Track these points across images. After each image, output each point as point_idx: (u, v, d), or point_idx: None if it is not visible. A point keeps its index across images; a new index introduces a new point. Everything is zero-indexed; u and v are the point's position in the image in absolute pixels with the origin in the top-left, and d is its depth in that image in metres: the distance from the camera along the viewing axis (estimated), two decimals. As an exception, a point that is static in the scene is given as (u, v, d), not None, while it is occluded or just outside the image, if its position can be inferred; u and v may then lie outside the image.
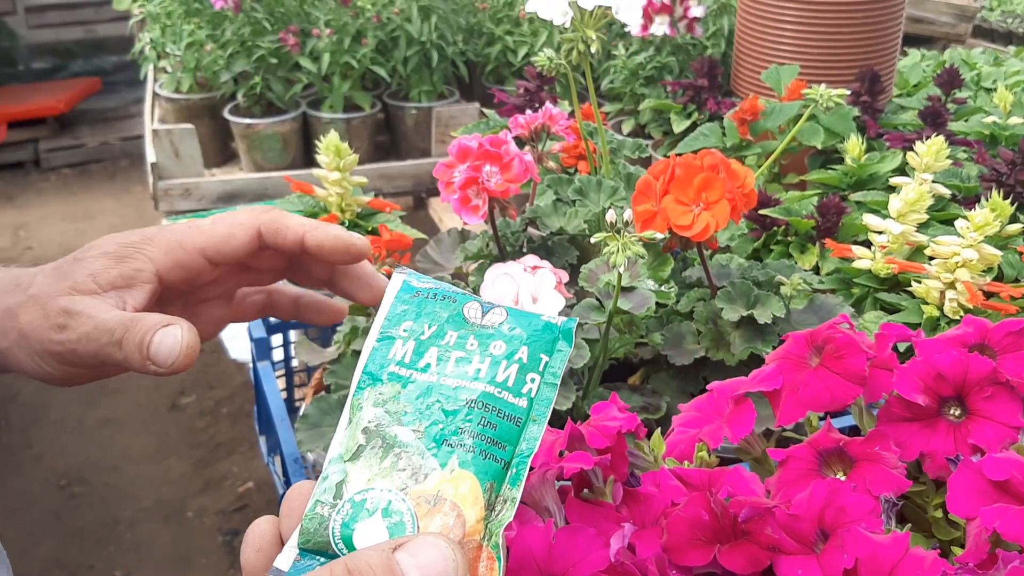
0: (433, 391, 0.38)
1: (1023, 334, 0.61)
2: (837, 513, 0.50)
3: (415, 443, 0.36)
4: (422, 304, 0.40)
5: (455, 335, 0.39)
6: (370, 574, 0.33)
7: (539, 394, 0.38)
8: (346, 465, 0.37)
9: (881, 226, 1.12)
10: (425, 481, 0.35)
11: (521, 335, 0.39)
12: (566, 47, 0.98)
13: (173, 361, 0.46)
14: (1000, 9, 3.17)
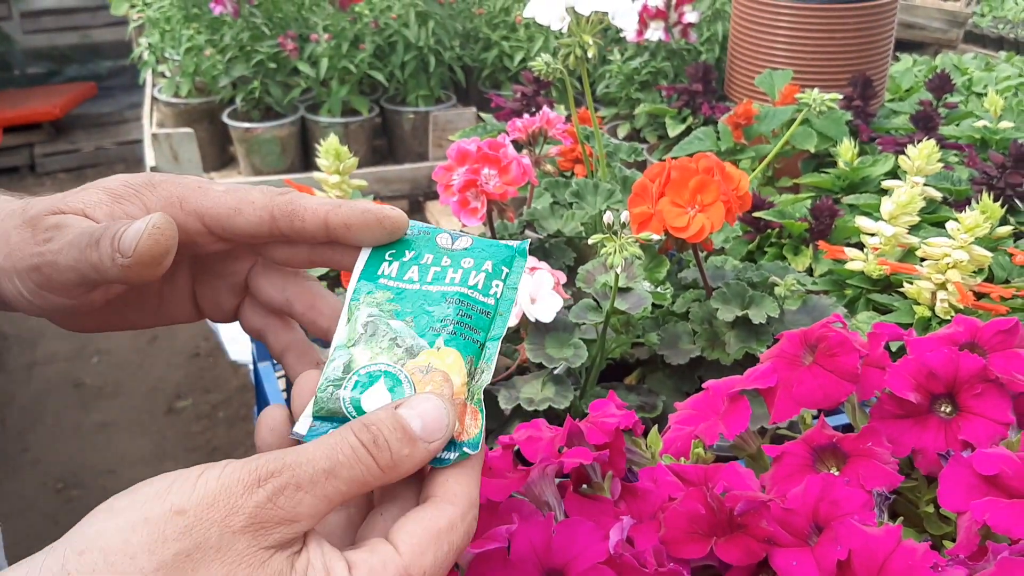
0: (418, 296, 0.46)
1: (1012, 333, 0.62)
2: (831, 507, 0.51)
3: (407, 330, 0.44)
4: (405, 239, 0.48)
5: (431, 256, 0.47)
6: (381, 426, 0.39)
7: (503, 295, 0.47)
8: (351, 349, 0.44)
9: (873, 228, 1.13)
10: (418, 356, 0.43)
11: (486, 253, 0.47)
12: (563, 52, 0.99)
13: (135, 245, 0.42)
14: (991, 15, 3.19)
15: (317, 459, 0.37)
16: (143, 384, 2.83)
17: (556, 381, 0.86)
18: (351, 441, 0.38)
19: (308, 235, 0.47)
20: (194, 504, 0.35)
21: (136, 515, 0.35)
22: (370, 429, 0.39)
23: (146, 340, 3.03)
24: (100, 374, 2.87)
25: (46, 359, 2.95)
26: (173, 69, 2.43)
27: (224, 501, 0.36)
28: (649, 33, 2.00)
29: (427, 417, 0.40)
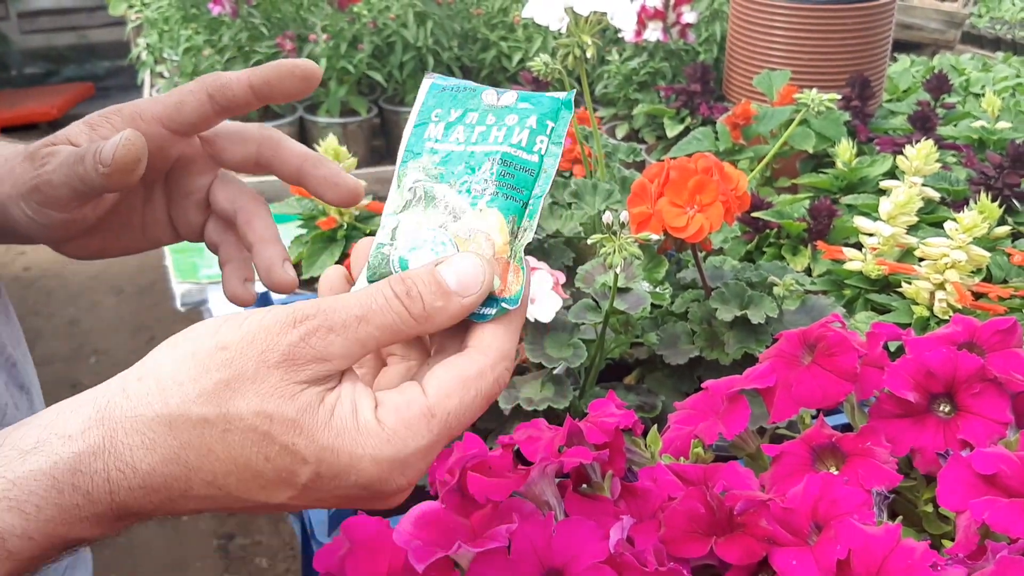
0: (462, 157, 0.46)
1: (1011, 332, 0.62)
2: (830, 506, 0.52)
3: (451, 193, 0.46)
4: (447, 96, 0.48)
5: (476, 115, 0.47)
6: (416, 279, 0.42)
7: (548, 151, 0.46)
8: (399, 216, 0.46)
9: (872, 228, 1.14)
10: (461, 218, 0.45)
11: (530, 108, 0.47)
12: (562, 52, 0.99)
13: (112, 155, 0.49)
14: (989, 16, 3.20)
15: (351, 306, 0.41)
16: (141, 384, 2.82)
17: (555, 381, 0.86)
18: (385, 292, 0.42)
19: (241, 102, 0.54)
20: (236, 340, 0.40)
21: (188, 348, 0.41)
22: (405, 282, 0.42)
23: (144, 341, 3.03)
24: (98, 374, 2.87)
25: (44, 360, 2.95)
26: (171, 69, 2.43)
27: (262, 339, 0.40)
28: (647, 33, 2.01)
29: (463, 273, 0.43)
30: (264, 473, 0.40)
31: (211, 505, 0.41)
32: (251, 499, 0.41)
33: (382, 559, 0.51)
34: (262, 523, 2.29)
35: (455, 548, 0.48)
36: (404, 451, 0.41)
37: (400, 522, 0.51)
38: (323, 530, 0.75)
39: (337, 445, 0.40)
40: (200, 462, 0.39)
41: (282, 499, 0.41)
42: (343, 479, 0.40)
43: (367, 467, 0.40)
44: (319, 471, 0.40)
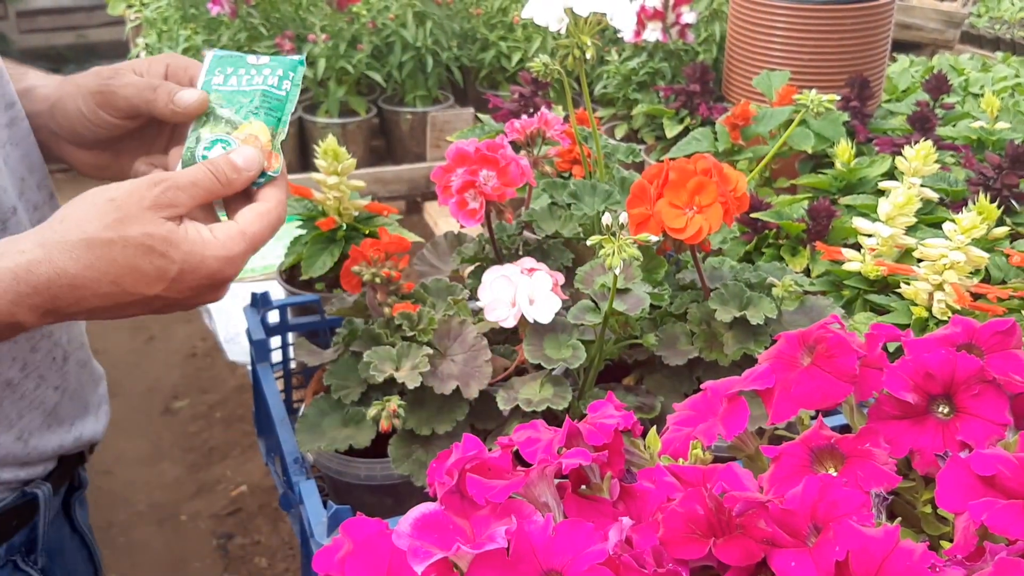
0: (237, 93, 0.74)
1: (1009, 334, 0.62)
2: (829, 507, 0.51)
3: (231, 114, 0.74)
4: (225, 59, 0.76)
5: (244, 70, 0.76)
6: (220, 162, 0.70)
7: (291, 90, 0.75)
8: (199, 130, 0.73)
9: (870, 229, 1.14)
10: (239, 128, 0.73)
11: (278, 64, 0.76)
12: (561, 53, 0.99)
13: (186, 103, 0.73)
14: (988, 15, 3.20)
15: (187, 175, 0.69)
16: (140, 384, 2.83)
17: (554, 382, 0.86)
18: (205, 168, 0.70)
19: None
20: (121, 195, 0.66)
21: (90, 201, 0.66)
22: (215, 163, 0.70)
23: (143, 340, 3.03)
24: (97, 374, 2.87)
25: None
26: (170, 69, 2.42)
27: (137, 192, 0.66)
28: (647, 34, 2.01)
29: (246, 157, 0.71)
30: (148, 272, 0.65)
31: (112, 301, 0.65)
32: (139, 292, 0.65)
33: (381, 560, 0.51)
34: (261, 523, 2.29)
35: (454, 549, 0.48)
36: (231, 252, 0.67)
37: (399, 523, 0.51)
38: (322, 531, 0.75)
39: (193, 250, 0.66)
40: (107, 267, 0.64)
41: (158, 290, 0.65)
42: (197, 272, 0.66)
43: (211, 263, 0.67)
44: (183, 268, 0.66)
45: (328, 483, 0.96)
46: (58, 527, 0.92)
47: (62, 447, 0.87)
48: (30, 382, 0.81)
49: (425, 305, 0.94)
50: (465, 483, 0.54)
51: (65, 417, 0.87)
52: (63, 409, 0.87)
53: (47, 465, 0.86)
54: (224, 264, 0.67)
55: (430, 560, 0.47)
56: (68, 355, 0.87)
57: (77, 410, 0.90)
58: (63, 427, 0.87)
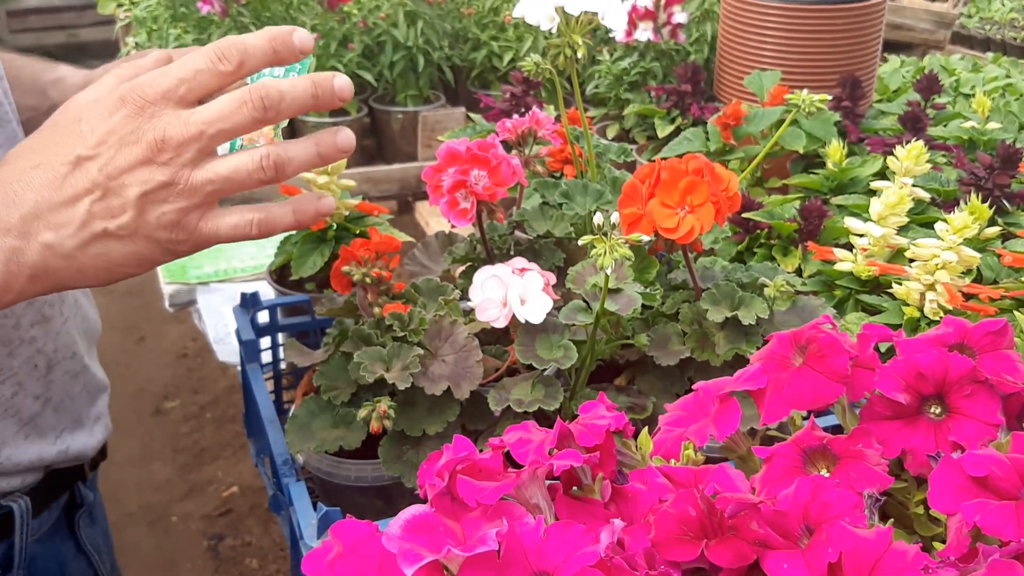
0: (242, 86, 0.65)
1: (1001, 334, 0.62)
2: (821, 508, 0.51)
3: None
4: None
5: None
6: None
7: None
8: None
9: (862, 229, 1.14)
10: None
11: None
12: (553, 52, 0.99)
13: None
14: (978, 16, 3.21)
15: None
16: (131, 385, 2.82)
17: (546, 382, 0.86)
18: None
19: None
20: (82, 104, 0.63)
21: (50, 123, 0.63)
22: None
23: (134, 341, 3.02)
24: (87, 375, 2.86)
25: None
26: (160, 69, 2.42)
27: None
28: (638, 33, 2.01)
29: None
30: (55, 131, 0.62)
31: (47, 186, 0.60)
32: (57, 156, 0.60)
33: (371, 563, 0.51)
34: (252, 524, 2.29)
35: (444, 552, 0.48)
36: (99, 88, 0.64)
37: (389, 525, 0.51)
38: (312, 533, 0.75)
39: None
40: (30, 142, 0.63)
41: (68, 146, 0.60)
42: (67, 110, 0.63)
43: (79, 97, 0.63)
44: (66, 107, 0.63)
45: (318, 484, 0.95)
46: (58, 545, 0.89)
47: (43, 459, 0.83)
48: (6, 388, 0.78)
49: (416, 305, 0.94)
50: (456, 485, 0.53)
51: (47, 428, 0.84)
52: (45, 420, 0.84)
53: (26, 477, 0.83)
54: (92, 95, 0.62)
55: (420, 563, 0.47)
56: (53, 364, 0.84)
57: (64, 422, 0.86)
58: (45, 439, 0.84)
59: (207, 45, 0.60)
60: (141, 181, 0.59)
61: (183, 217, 0.60)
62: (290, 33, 0.61)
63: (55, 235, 0.59)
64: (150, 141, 0.58)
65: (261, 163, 0.60)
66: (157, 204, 0.59)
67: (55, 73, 0.87)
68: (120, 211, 0.59)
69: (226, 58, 0.59)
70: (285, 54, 0.61)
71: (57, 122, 0.61)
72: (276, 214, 0.63)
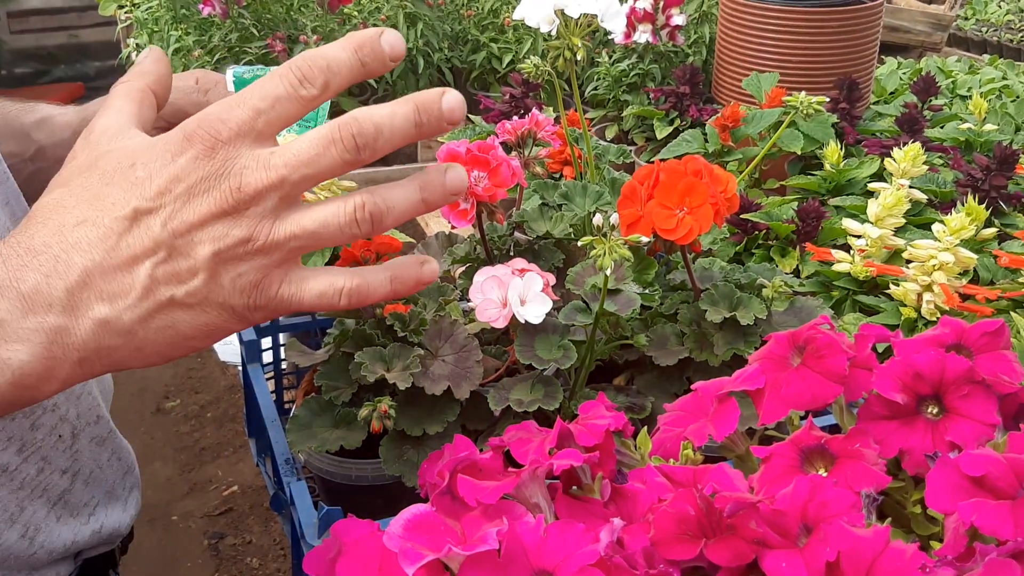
0: None
1: (998, 334, 0.63)
2: (819, 508, 0.52)
3: None
4: (248, 80, 0.65)
5: None
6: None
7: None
8: None
9: (860, 230, 1.14)
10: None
11: None
12: (552, 54, 0.99)
13: None
14: (975, 18, 3.22)
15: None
16: (131, 384, 2.82)
17: (545, 383, 0.87)
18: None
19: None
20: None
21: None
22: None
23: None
24: (86, 376, 2.86)
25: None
26: (160, 70, 2.42)
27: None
28: (637, 35, 2.01)
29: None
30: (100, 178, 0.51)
31: (98, 245, 0.49)
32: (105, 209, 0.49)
33: (372, 562, 0.51)
34: (253, 523, 2.29)
35: (445, 551, 0.48)
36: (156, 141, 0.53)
37: (390, 524, 0.51)
38: (313, 532, 0.75)
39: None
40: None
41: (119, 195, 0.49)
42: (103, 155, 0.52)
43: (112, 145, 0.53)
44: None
45: (319, 484, 0.96)
46: None
47: (76, 543, 0.73)
48: (30, 466, 0.69)
49: (416, 306, 0.94)
50: (456, 484, 0.54)
51: (79, 506, 0.74)
52: (75, 496, 0.74)
53: (59, 570, 0.72)
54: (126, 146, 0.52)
55: (421, 562, 0.47)
56: (78, 432, 0.74)
57: (96, 496, 0.77)
58: (77, 518, 0.74)
59: (282, 65, 0.50)
60: (214, 237, 0.49)
61: (262, 278, 0.50)
62: (377, 38, 0.50)
63: (110, 307, 0.49)
64: (225, 189, 0.49)
65: (355, 216, 0.50)
66: (233, 264, 0.50)
67: (37, 113, 0.75)
68: (189, 275, 0.49)
69: (308, 80, 0.50)
70: (374, 66, 0.50)
71: (100, 167, 0.51)
72: (371, 282, 0.53)
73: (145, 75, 0.58)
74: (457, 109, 0.50)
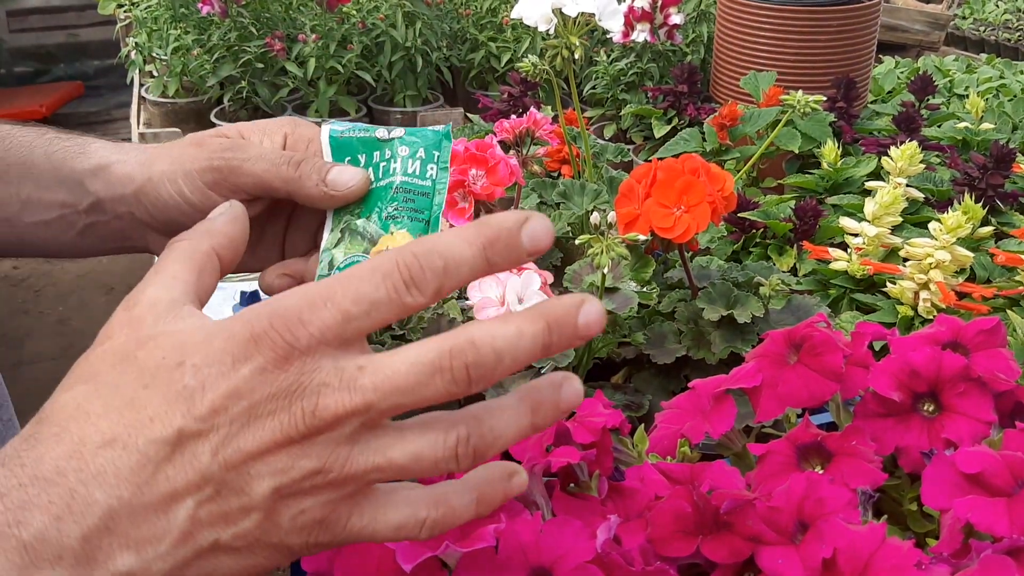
0: (374, 194, 0.57)
1: (995, 332, 0.63)
2: (815, 505, 0.52)
3: (369, 225, 0.56)
4: (348, 143, 0.58)
5: (378, 154, 0.57)
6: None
7: (438, 176, 0.56)
8: (333, 251, 0.56)
9: (857, 228, 1.14)
10: (378, 243, 0.55)
11: (418, 140, 0.57)
12: (550, 53, 1.00)
13: (346, 185, 0.56)
14: (972, 18, 3.22)
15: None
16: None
17: (543, 381, 0.87)
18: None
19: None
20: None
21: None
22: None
23: (131, 341, 3.02)
24: (85, 375, 2.85)
25: (32, 358, 2.93)
26: (161, 69, 2.42)
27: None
28: (635, 34, 2.01)
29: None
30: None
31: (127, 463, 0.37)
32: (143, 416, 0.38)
33: (370, 559, 0.52)
34: (250, 524, 2.29)
35: (443, 548, 0.48)
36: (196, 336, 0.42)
37: (388, 522, 0.51)
38: (311, 530, 0.75)
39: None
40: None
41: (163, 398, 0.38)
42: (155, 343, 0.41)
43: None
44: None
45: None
46: None
47: None
48: None
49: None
50: (454, 481, 0.54)
51: None
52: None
53: None
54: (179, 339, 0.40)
55: (419, 559, 0.48)
56: None
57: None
58: None
59: (384, 256, 0.40)
60: (277, 471, 0.38)
61: (329, 513, 0.40)
62: (517, 231, 0.39)
63: (137, 558, 0.37)
64: (296, 412, 0.38)
65: (456, 452, 0.41)
66: (296, 500, 0.39)
67: (91, 157, 0.62)
68: (241, 515, 0.38)
69: (417, 285, 0.39)
70: (505, 265, 0.40)
71: (139, 360, 0.39)
72: (456, 508, 0.42)
73: (213, 235, 0.47)
74: (594, 325, 0.39)
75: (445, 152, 0.56)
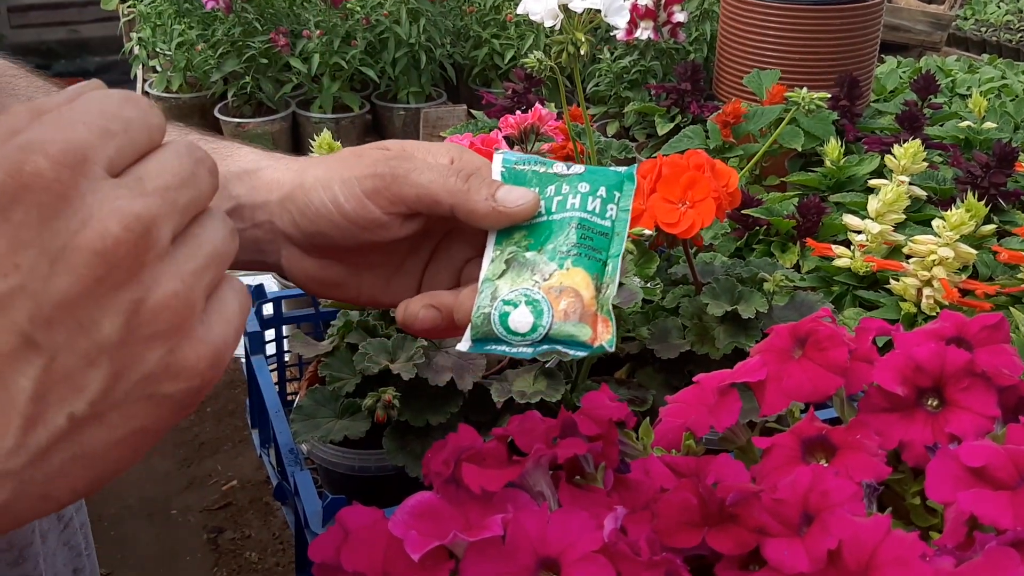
0: (546, 226, 0.52)
1: (998, 328, 0.63)
2: (820, 497, 0.52)
3: (540, 258, 0.51)
4: (522, 174, 0.54)
5: (553, 188, 0.53)
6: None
7: (618, 217, 0.52)
8: (496, 282, 0.51)
9: (860, 225, 1.15)
10: (550, 279, 0.50)
11: (599, 178, 0.53)
12: (556, 49, 1.00)
13: (513, 204, 0.51)
14: (974, 18, 3.22)
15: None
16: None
17: (548, 375, 0.87)
18: None
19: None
20: None
21: None
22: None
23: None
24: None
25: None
26: (164, 64, 2.42)
27: None
28: (639, 32, 2.01)
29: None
30: None
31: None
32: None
33: (377, 549, 0.52)
34: (252, 517, 2.29)
35: (450, 538, 0.48)
36: None
37: (395, 512, 0.52)
38: (317, 521, 0.76)
39: None
40: None
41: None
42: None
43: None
44: None
45: (321, 474, 0.96)
46: None
47: None
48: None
49: (419, 299, 0.94)
50: (461, 472, 0.54)
51: None
52: None
53: None
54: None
55: (427, 549, 0.48)
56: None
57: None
58: None
59: None
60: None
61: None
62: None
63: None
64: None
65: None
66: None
67: (238, 160, 0.58)
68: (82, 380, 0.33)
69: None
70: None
71: None
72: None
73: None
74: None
75: (627, 194, 0.53)
